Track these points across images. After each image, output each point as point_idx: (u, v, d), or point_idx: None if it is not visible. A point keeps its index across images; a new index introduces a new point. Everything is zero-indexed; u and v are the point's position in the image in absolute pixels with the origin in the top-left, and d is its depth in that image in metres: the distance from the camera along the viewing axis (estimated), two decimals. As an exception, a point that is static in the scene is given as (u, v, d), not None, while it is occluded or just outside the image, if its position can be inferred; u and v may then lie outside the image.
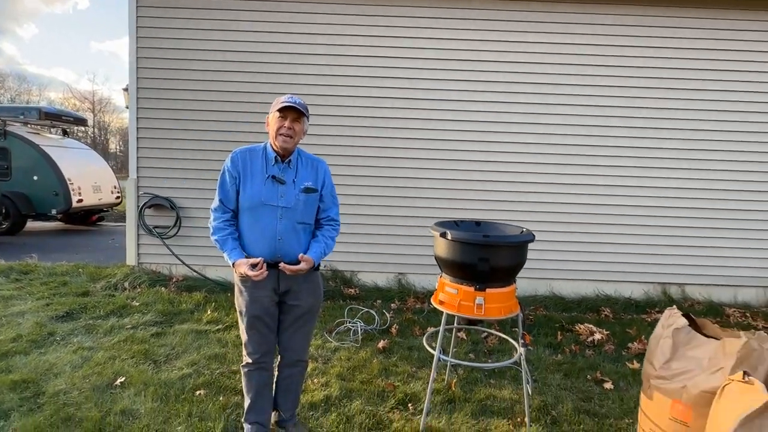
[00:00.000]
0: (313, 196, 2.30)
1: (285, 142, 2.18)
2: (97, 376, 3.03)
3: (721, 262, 5.27)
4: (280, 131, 2.17)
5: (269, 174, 2.22)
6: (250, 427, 2.39)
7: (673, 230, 5.23)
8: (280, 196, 2.22)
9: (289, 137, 2.18)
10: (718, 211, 5.20)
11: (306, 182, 2.27)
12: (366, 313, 4.35)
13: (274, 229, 2.22)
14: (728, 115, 5.11)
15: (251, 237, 2.24)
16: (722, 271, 5.28)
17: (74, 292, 4.71)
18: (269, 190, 2.21)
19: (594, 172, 5.17)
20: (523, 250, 2.55)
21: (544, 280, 5.31)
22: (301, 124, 2.22)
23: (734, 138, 5.13)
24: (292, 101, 2.16)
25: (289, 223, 2.23)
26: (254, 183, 2.21)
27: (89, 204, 9.83)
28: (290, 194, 2.23)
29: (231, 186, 2.24)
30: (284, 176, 2.24)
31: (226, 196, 2.25)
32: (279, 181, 2.22)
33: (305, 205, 2.27)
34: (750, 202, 5.18)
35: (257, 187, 2.21)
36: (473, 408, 2.87)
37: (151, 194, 5.20)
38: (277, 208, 2.21)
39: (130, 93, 5.18)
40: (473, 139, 5.17)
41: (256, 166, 2.24)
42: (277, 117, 2.18)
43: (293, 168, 2.27)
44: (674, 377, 2.17)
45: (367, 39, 5.08)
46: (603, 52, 5.06)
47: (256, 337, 2.32)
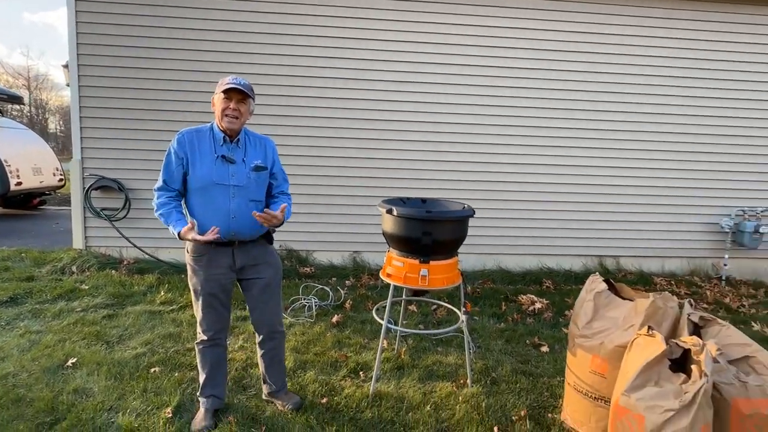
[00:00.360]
0: (263, 174, 2.37)
1: (231, 123, 2.23)
2: (47, 358, 3.02)
3: (651, 236, 5.72)
4: (226, 112, 2.21)
5: (218, 154, 2.26)
6: (206, 400, 2.48)
7: (609, 207, 5.62)
8: (231, 176, 2.27)
9: (235, 118, 2.23)
10: (648, 188, 5.61)
11: (255, 161, 2.34)
12: (321, 290, 4.48)
13: (228, 208, 2.27)
14: (659, 98, 5.48)
15: (205, 217, 2.26)
16: (651, 244, 5.74)
17: (17, 278, 4.56)
18: (220, 170, 2.26)
19: (536, 152, 5.45)
20: (463, 225, 2.73)
21: (491, 255, 5.60)
22: (247, 105, 2.27)
23: (665, 121, 5.52)
24: (236, 82, 2.20)
25: (242, 201, 2.29)
26: (204, 163, 2.25)
27: (29, 187, 9.33)
28: (241, 173, 2.29)
29: (177, 167, 2.26)
30: (234, 155, 2.29)
31: (170, 176, 2.27)
32: (229, 161, 2.27)
33: (257, 184, 2.34)
34: (676, 179, 5.63)
35: (207, 168, 2.24)
36: (420, 373, 3.07)
37: (97, 176, 5.05)
38: (228, 187, 2.26)
39: (70, 70, 4.97)
40: (423, 120, 5.31)
41: (204, 146, 2.27)
42: (222, 98, 2.21)
43: (242, 147, 2.33)
44: (594, 335, 2.42)
45: (312, 18, 5.07)
46: (534, 36, 5.30)
47: (212, 315, 2.38)
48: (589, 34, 5.32)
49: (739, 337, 2.16)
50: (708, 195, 5.68)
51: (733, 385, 1.92)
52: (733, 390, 1.92)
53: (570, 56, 5.34)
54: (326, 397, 2.73)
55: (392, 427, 2.50)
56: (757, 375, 2.01)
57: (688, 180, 5.65)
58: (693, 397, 1.76)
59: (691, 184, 5.66)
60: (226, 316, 2.46)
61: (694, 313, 2.29)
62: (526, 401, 2.79)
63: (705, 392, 1.78)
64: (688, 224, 5.75)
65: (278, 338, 2.59)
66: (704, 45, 5.43)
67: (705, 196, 5.68)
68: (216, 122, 2.30)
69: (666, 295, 2.32)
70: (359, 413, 2.60)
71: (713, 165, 5.63)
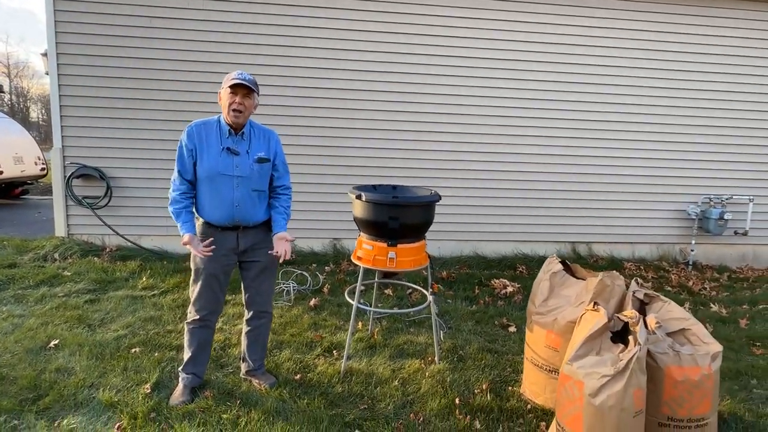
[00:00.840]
0: (266, 166, 2.51)
1: (236, 116, 2.36)
2: (29, 340, 3.11)
3: (622, 223, 5.93)
4: (232, 106, 2.34)
5: (224, 146, 2.41)
6: (187, 377, 2.61)
7: (582, 194, 5.81)
8: (235, 167, 2.42)
9: (240, 112, 2.36)
10: (619, 176, 5.81)
11: (259, 153, 2.48)
12: (300, 275, 4.61)
13: (231, 197, 2.43)
14: (628, 89, 5.66)
15: (211, 204, 2.44)
16: (622, 231, 5.95)
17: (0, 264, 4.62)
18: (225, 161, 2.40)
19: (512, 141, 5.60)
20: (430, 210, 2.86)
21: (468, 242, 5.76)
22: (252, 99, 2.40)
23: (633, 111, 5.70)
24: (241, 78, 2.33)
25: (245, 190, 2.45)
26: (210, 155, 2.39)
27: (10, 176, 9.29)
28: (244, 164, 2.44)
29: (188, 158, 2.40)
30: (238, 148, 2.43)
31: (183, 167, 2.42)
32: (233, 153, 2.41)
33: (259, 174, 2.49)
34: (645, 168, 5.82)
35: (213, 159, 2.39)
36: (391, 352, 3.23)
37: (78, 164, 5.10)
38: (233, 177, 2.41)
39: (49, 58, 4.98)
40: (403, 110, 5.43)
41: (211, 138, 2.41)
42: (228, 93, 2.34)
43: (246, 140, 2.46)
44: (549, 312, 2.60)
45: (298, 9, 5.14)
46: (507, 27, 5.43)
47: (208, 296, 2.52)
48: (552, 25, 5.46)
49: (679, 312, 2.34)
50: (676, 183, 5.89)
51: (668, 354, 2.10)
52: (667, 359, 2.10)
53: (541, 47, 5.48)
54: (300, 374, 2.88)
55: (361, 399, 2.65)
56: (692, 345, 2.19)
57: (656, 168, 5.85)
58: (626, 363, 1.93)
59: (660, 173, 5.86)
60: (221, 299, 2.61)
61: (639, 290, 2.46)
62: (489, 376, 2.96)
63: (638, 359, 1.95)
64: (657, 211, 5.97)
65: (266, 318, 2.74)
66: (673, 37, 5.61)
67: (673, 184, 5.89)
68: (223, 115, 2.42)
69: (613, 274, 2.50)
70: (330, 388, 2.75)
71: (681, 154, 5.84)
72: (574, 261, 5.72)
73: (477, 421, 2.49)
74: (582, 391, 1.98)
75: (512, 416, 2.56)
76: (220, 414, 2.42)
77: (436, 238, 5.64)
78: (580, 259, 5.84)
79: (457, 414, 2.54)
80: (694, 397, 2.09)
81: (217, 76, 4.89)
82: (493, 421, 2.50)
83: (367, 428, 2.40)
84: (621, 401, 1.90)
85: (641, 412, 1.97)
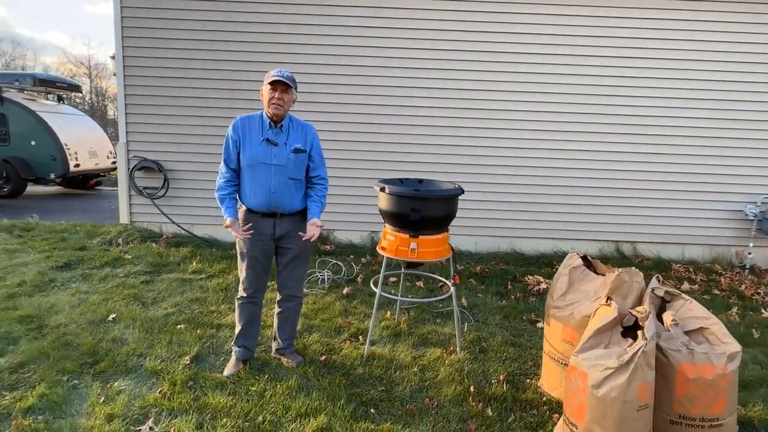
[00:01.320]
0: (302, 156, 2.71)
1: (276, 109, 2.59)
2: (92, 313, 3.50)
3: (671, 222, 5.67)
4: (272, 101, 2.57)
5: (264, 137, 2.64)
6: (239, 350, 2.88)
7: (627, 192, 5.61)
8: (273, 156, 2.64)
9: (279, 105, 2.58)
10: (669, 173, 5.56)
11: (296, 144, 2.69)
12: (335, 265, 4.80)
13: (269, 184, 2.65)
14: (681, 82, 5.40)
15: (251, 190, 2.68)
16: (671, 230, 5.69)
17: (72, 247, 5.15)
18: (264, 151, 2.63)
19: (552, 137, 5.51)
20: (451, 203, 2.94)
21: (506, 238, 5.74)
22: (290, 94, 2.62)
23: (686, 105, 5.43)
24: (280, 75, 2.55)
25: (282, 178, 2.66)
26: (252, 145, 2.63)
27: (86, 169, 10.20)
28: (282, 154, 2.65)
29: (233, 149, 2.67)
30: (277, 139, 2.65)
31: (228, 157, 2.69)
32: (272, 143, 2.64)
33: (295, 164, 2.69)
34: (697, 166, 5.53)
35: (254, 149, 2.63)
36: (415, 340, 3.34)
37: (140, 157, 5.57)
38: (271, 166, 2.64)
39: (116, 60, 5.47)
40: (444, 105, 5.49)
41: (253, 130, 2.66)
42: (268, 89, 2.57)
43: (285, 132, 2.68)
44: (566, 306, 2.61)
45: (340, 19, 5.33)
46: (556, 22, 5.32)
47: (253, 275, 2.78)
48: (611, 18, 5.30)
49: (700, 311, 2.30)
50: (732, 182, 5.56)
51: (680, 351, 2.08)
52: (680, 356, 2.08)
53: (591, 41, 5.34)
54: (325, 356, 3.05)
55: (380, 382, 2.79)
56: (709, 344, 2.15)
57: (711, 166, 5.54)
58: (631, 357, 1.94)
59: (715, 170, 5.55)
60: (265, 278, 2.85)
61: (659, 287, 2.43)
62: (508, 368, 3.00)
63: (644, 354, 1.95)
64: (711, 211, 5.66)
65: (295, 302, 2.95)
66: (736, 27, 5.29)
67: (729, 182, 5.56)
68: (264, 110, 2.66)
69: (632, 270, 2.47)
70: (352, 370, 2.90)
71: (739, 150, 5.50)
72: (618, 261, 5.58)
73: (489, 408, 2.55)
74: (586, 382, 2.01)
75: (526, 407, 2.60)
76: (249, 386, 2.64)
77: (472, 233, 5.68)
78: (624, 259, 5.65)
79: (470, 401, 2.61)
80: (707, 396, 2.06)
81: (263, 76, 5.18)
82: (505, 410, 2.56)
83: (382, 408, 2.54)
84: (624, 393, 1.92)
85: (647, 406, 1.97)
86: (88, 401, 2.48)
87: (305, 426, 2.33)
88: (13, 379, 2.64)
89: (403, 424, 2.40)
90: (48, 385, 2.58)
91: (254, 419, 2.37)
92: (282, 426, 2.34)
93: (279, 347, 3.00)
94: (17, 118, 9.49)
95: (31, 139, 9.51)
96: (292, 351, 3.03)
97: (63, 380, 2.65)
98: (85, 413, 2.40)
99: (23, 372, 2.72)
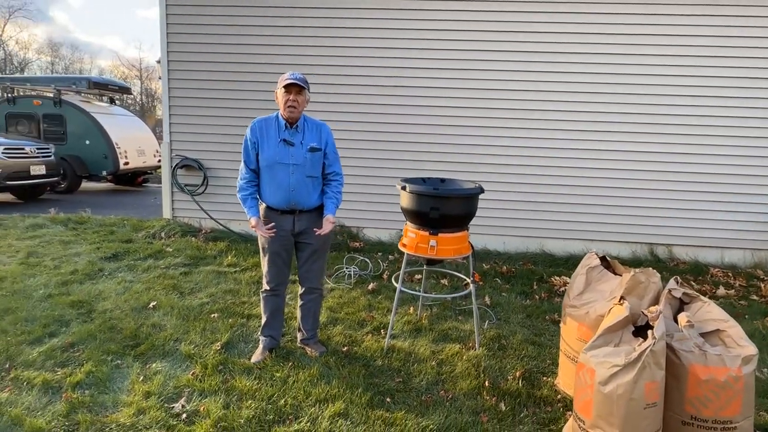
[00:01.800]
0: (317, 155, 2.85)
1: (291, 111, 2.72)
2: (135, 301, 3.77)
3: (709, 225, 5.48)
4: (287, 104, 2.71)
5: (281, 138, 2.78)
6: (265, 339, 3.05)
7: (662, 192, 5.47)
8: (290, 156, 2.78)
9: (294, 107, 2.72)
10: (706, 175, 5.37)
11: (311, 143, 2.82)
12: (363, 261, 4.94)
13: (288, 183, 2.79)
14: (724, 80, 5.21)
15: (270, 189, 2.83)
16: (710, 233, 5.50)
17: (119, 239, 5.52)
18: (281, 151, 2.78)
19: (583, 137, 5.44)
20: (470, 202, 3.00)
21: (535, 238, 5.71)
22: (303, 96, 2.75)
23: (726, 104, 5.24)
24: (293, 78, 2.68)
25: (300, 176, 2.80)
26: (269, 146, 2.78)
27: (134, 166, 10.81)
28: (299, 154, 2.79)
29: (252, 150, 2.82)
30: (293, 139, 2.79)
31: (248, 158, 2.85)
32: (289, 144, 2.78)
33: (312, 162, 2.83)
34: (739, 167, 5.33)
35: (272, 150, 2.77)
36: (435, 336, 3.42)
37: (182, 156, 5.90)
38: (288, 165, 2.78)
39: (161, 64, 5.81)
40: (473, 105, 5.52)
41: (270, 132, 2.80)
42: (283, 92, 2.71)
43: (300, 132, 2.82)
44: (582, 305, 2.63)
45: (371, 21, 5.46)
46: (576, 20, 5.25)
47: (274, 269, 2.94)
48: (643, 15, 5.18)
49: (717, 314, 2.27)
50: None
51: (693, 352, 2.08)
52: (692, 357, 2.08)
53: (627, 39, 5.24)
54: (347, 347, 3.19)
55: (398, 374, 2.89)
56: (725, 347, 2.14)
57: (755, 167, 5.32)
58: (639, 355, 1.96)
59: (759, 171, 5.32)
60: (286, 272, 3.00)
61: (676, 289, 2.41)
62: (526, 365, 3.04)
63: (653, 353, 1.97)
64: (754, 213, 5.42)
65: (316, 294, 3.09)
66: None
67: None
68: (280, 111, 2.80)
69: (649, 270, 2.47)
70: (372, 361, 3.02)
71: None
72: (651, 264, 5.44)
73: (503, 403, 2.61)
74: (593, 379, 2.04)
75: (540, 403, 2.64)
76: (274, 372, 2.80)
77: (501, 233, 5.68)
78: (658, 262, 5.51)
79: (484, 395, 2.68)
80: (720, 399, 2.04)
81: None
82: (519, 405, 2.61)
83: (398, 398, 2.64)
84: (630, 391, 1.94)
85: (655, 405, 1.99)
86: (128, 379, 2.71)
87: (324, 411, 2.47)
88: (64, 357, 2.91)
89: (416, 413, 2.50)
90: (94, 363, 2.83)
91: (276, 402, 2.53)
92: (302, 410, 2.48)
93: (304, 337, 3.15)
94: (73, 119, 10.18)
95: (85, 139, 10.17)
96: (317, 341, 3.18)
97: (108, 360, 2.90)
98: (126, 390, 2.62)
99: (73, 351, 2.99)
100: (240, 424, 2.34)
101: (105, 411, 2.44)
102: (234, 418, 2.38)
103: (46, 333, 3.19)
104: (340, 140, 5.56)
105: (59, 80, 10.86)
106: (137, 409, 2.44)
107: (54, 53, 37.50)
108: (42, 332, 3.18)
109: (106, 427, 2.32)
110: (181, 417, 2.40)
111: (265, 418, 2.41)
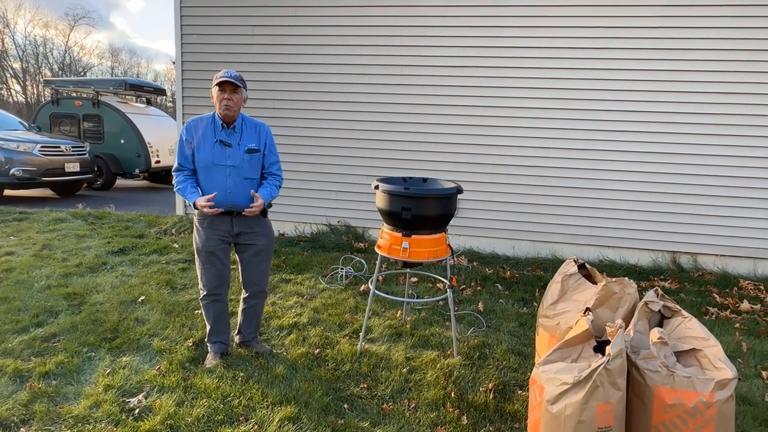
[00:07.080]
0: (256, 156, 2.76)
1: (226, 110, 2.63)
2: (126, 294, 3.85)
3: (741, 233, 5.04)
4: (222, 102, 2.61)
5: (217, 139, 2.68)
6: (213, 346, 2.93)
7: (688, 197, 5.07)
8: (227, 157, 2.68)
9: (229, 107, 2.62)
10: (739, 179, 4.94)
11: (249, 144, 2.73)
12: (358, 262, 4.85)
13: (225, 184, 2.69)
14: (747, 84, 4.78)
15: (208, 191, 2.68)
16: (741, 242, 5.05)
17: (132, 235, 5.69)
18: (218, 153, 2.67)
19: (597, 136, 5.14)
20: (446, 202, 2.85)
21: (547, 243, 5.44)
22: (239, 94, 2.66)
23: (754, 101, 4.80)
24: (227, 75, 2.59)
25: (237, 178, 2.71)
26: (205, 147, 2.67)
27: (166, 165, 11.18)
28: (236, 155, 2.70)
29: (187, 150, 2.70)
30: (230, 140, 2.69)
31: (183, 158, 2.71)
32: (225, 144, 2.68)
33: (250, 164, 2.74)
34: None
35: (208, 151, 2.67)
36: (414, 341, 3.29)
37: (194, 154, 6.02)
38: (225, 167, 2.68)
39: (176, 67, 5.96)
40: (474, 104, 5.33)
41: (206, 132, 2.69)
42: (217, 90, 2.61)
43: (238, 132, 2.73)
44: (555, 316, 2.45)
45: (373, 19, 5.38)
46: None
47: (212, 271, 2.79)
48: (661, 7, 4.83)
49: (698, 331, 2.04)
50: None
51: (659, 372, 1.87)
52: (657, 377, 1.87)
53: (643, 32, 4.91)
54: (320, 349, 3.11)
55: (364, 379, 2.79)
56: (700, 368, 1.92)
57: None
58: (590, 373, 1.78)
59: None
60: (225, 273, 2.86)
61: (654, 301, 2.19)
62: (503, 377, 2.86)
63: (606, 371, 1.78)
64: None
65: (262, 297, 2.99)
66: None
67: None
68: (216, 111, 2.70)
69: (624, 280, 2.26)
70: (341, 365, 2.93)
71: (828, 153, 4.76)
72: (673, 274, 5.07)
73: (466, 416, 2.46)
74: (542, 397, 1.87)
75: (507, 419, 2.47)
76: (237, 372, 2.76)
77: (511, 237, 5.46)
78: (681, 272, 5.11)
79: (448, 407, 2.53)
80: (689, 427, 1.82)
81: (309, 78, 5.41)
82: (483, 420, 2.45)
83: (357, 405, 2.54)
84: (579, 413, 1.76)
85: (608, 429, 1.79)
86: (96, 372, 2.75)
87: (275, 414, 2.40)
88: (43, 347, 2.99)
89: (370, 422, 2.39)
90: (68, 354, 2.89)
91: (231, 402, 2.49)
92: (254, 411, 2.43)
93: (244, 340, 3.03)
94: (110, 119, 10.66)
95: (120, 138, 10.63)
96: (258, 341, 3.07)
97: (82, 351, 2.95)
98: (92, 382, 2.66)
99: (54, 342, 3.07)
100: (187, 423, 2.31)
101: (65, 402, 2.48)
102: (183, 416, 2.36)
103: (33, 323, 3.29)
104: (350, 140, 5.57)
105: (98, 82, 11.40)
106: (94, 402, 2.46)
107: (114, 58, 39.67)
108: (30, 322, 3.29)
109: (60, 418, 2.35)
110: (134, 412, 2.40)
111: (214, 417, 2.37)
